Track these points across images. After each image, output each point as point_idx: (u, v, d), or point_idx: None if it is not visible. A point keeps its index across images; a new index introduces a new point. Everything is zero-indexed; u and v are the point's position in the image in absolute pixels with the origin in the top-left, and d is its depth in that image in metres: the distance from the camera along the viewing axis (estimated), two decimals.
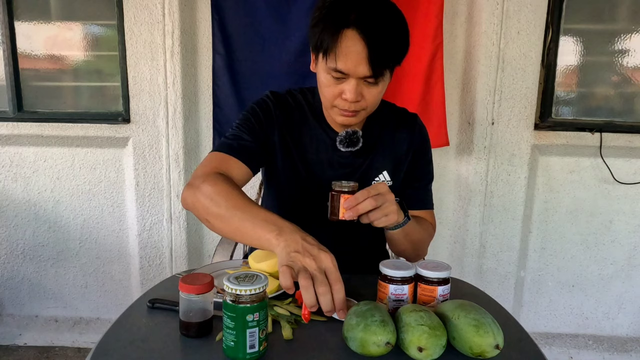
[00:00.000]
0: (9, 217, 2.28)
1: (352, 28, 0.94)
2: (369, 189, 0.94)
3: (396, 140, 1.20)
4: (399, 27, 1.00)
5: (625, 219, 2.20)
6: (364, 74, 0.97)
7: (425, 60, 1.99)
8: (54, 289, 2.35)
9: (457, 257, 2.27)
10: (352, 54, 0.95)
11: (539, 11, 2.02)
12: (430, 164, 1.25)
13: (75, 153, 2.21)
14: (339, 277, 0.78)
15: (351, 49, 0.95)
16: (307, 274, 0.76)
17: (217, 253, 1.44)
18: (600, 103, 2.20)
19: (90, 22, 2.18)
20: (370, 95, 1.02)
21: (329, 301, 0.76)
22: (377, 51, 0.95)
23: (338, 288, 0.77)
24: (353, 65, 0.96)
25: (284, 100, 1.17)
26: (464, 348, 0.75)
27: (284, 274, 0.76)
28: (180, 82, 2.09)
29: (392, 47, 0.98)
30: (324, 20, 0.97)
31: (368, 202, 0.92)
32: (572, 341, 2.30)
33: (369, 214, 0.94)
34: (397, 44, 0.99)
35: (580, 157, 2.16)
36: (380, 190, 0.94)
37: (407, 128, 1.21)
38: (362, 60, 0.95)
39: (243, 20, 2.01)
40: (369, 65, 0.95)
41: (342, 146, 1.13)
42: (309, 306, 0.76)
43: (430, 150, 1.26)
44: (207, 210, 0.94)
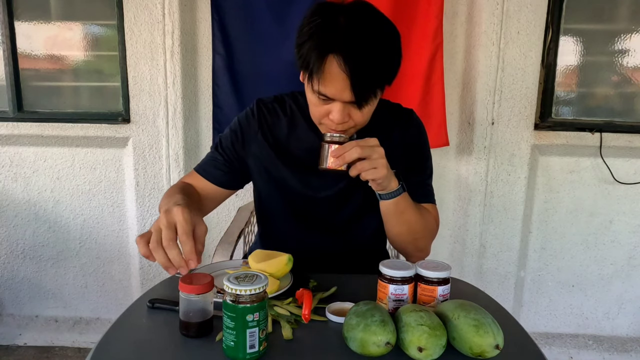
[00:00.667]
0: (9, 217, 2.28)
1: (336, 53, 0.90)
2: (358, 140, 0.95)
3: (391, 137, 1.16)
4: (386, 52, 0.95)
5: (625, 219, 2.20)
6: (348, 99, 0.94)
7: (425, 60, 1.99)
8: (54, 289, 2.35)
9: (457, 257, 2.27)
10: (335, 80, 0.92)
11: (539, 11, 2.02)
12: (428, 159, 1.22)
13: (75, 153, 2.21)
14: (187, 229, 0.79)
15: (335, 76, 0.92)
16: (157, 235, 0.79)
17: (217, 253, 1.44)
18: (600, 103, 2.20)
19: (90, 22, 2.18)
20: (357, 116, 1.00)
21: (176, 255, 0.77)
22: (360, 78, 0.91)
23: (183, 240, 0.78)
24: (337, 91, 0.94)
25: (270, 109, 1.16)
26: (464, 348, 0.75)
27: (138, 243, 0.81)
28: (180, 82, 2.09)
29: (377, 73, 0.94)
30: (310, 42, 0.93)
31: (354, 150, 0.92)
32: (572, 341, 2.30)
33: (357, 165, 0.94)
34: (384, 70, 0.95)
35: (580, 157, 2.16)
36: (370, 143, 0.95)
37: (401, 124, 1.18)
38: (346, 87, 0.92)
39: (243, 20, 2.01)
40: (352, 92, 0.93)
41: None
42: (163, 267, 0.78)
43: (428, 145, 1.23)
44: None
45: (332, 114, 0.98)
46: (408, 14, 1.97)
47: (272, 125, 1.16)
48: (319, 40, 0.92)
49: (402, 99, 2.01)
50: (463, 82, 2.14)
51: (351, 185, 1.16)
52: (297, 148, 1.15)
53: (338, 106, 0.96)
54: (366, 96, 0.95)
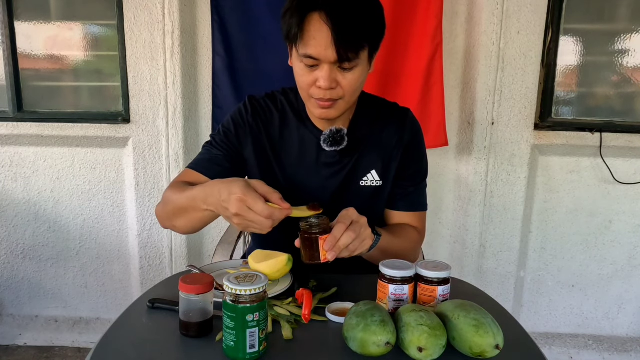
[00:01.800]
0: (9, 217, 2.28)
1: (318, 11, 0.93)
2: (343, 220, 0.91)
3: (385, 137, 1.15)
4: (368, 8, 0.96)
5: (625, 219, 2.20)
6: (333, 57, 0.94)
7: (424, 60, 1.99)
8: (54, 289, 2.35)
9: (457, 257, 2.27)
10: (319, 37, 0.93)
11: (539, 11, 2.02)
12: (423, 160, 1.21)
13: (75, 153, 2.21)
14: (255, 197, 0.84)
15: (318, 33, 0.93)
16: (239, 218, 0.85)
17: (217, 253, 1.44)
18: (600, 103, 2.20)
19: (90, 22, 2.18)
20: (346, 82, 0.99)
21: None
22: (343, 33, 0.92)
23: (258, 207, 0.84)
24: (322, 49, 0.94)
25: (262, 106, 1.16)
26: (464, 348, 0.75)
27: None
28: (180, 82, 2.09)
29: (359, 28, 0.94)
30: (292, 6, 0.96)
31: (347, 235, 0.89)
32: (572, 341, 2.30)
33: (349, 247, 0.90)
34: (366, 25, 0.96)
35: (580, 157, 2.15)
36: (353, 218, 0.92)
37: (396, 123, 1.16)
38: (329, 43, 0.93)
39: (243, 20, 2.01)
40: (335, 48, 0.93)
41: (326, 145, 1.10)
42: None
43: (424, 145, 1.21)
44: (166, 216, 1.05)
45: (319, 79, 0.97)
46: (408, 14, 1.97)
47: (265, 121, 1.15)
48: (301, 2, 0.95)
49: (402, 98, 2.02)
50: (463, 82, 2.14)
51: (345, 185, 1.15)
52: (290, 144, 1.15)
53: (324, 69, 0.96)
54: (350, 52, 0.94)
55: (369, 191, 1.16)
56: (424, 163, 1.22)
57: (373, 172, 1.15)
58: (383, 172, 1.16)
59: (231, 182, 0.87)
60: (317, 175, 1.15)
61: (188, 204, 0.97)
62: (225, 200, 0.85)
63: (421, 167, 1.21)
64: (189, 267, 1.06)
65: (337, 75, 0.98)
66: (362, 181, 1.15)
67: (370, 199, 1.16)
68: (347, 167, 1.14)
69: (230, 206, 0.85)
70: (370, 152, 1.15)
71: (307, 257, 0.91)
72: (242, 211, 0.84)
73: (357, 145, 1.14)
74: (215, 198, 0.88)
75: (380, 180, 1.15)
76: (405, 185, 1.19)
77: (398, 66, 2.01)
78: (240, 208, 0.84)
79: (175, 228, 1.06)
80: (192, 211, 0.97)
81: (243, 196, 0.83)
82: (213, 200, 0.89)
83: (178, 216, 1.02)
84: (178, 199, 1.00)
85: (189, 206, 0.97)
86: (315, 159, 1.14)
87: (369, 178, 1.15)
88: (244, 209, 0.84)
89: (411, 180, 1.19)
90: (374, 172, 1.15)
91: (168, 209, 1.04)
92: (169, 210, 1.04)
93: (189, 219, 1.00)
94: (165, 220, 1.07)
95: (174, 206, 1.01)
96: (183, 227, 1.04)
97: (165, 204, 1.05)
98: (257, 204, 0.83)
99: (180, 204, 0.99)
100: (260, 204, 0.83)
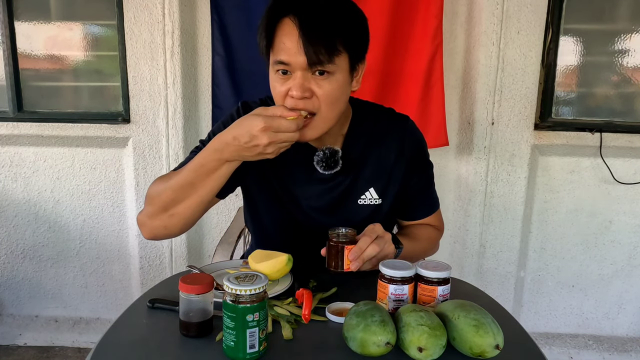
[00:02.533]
0: (9, 217, 2.28)
1: (288, 16, 0.92)
2: (369, 234, 0.94)
3: (384, 152, 1.11)
4: (341, 10, 0.93)
5: (625, 219, 2.20)
6: (303, 61, 0.90)
7: (424, 60, 1.99)
8: (54, 289, 2.35)
9: (457, 257, 2.27)
10: (288, 42, 0.91)
11: (539, 11, 2.02)
12: (429, 167, 1.18)
13: (75, 153, 2.21)
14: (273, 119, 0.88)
15: (287, 37, 0.91)
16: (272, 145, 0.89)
17: (217, 253, 1.44)
18: (600, 103, 2.20)
19: (90, 22, 2.18)
20: (321, 91, 0.93)
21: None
22: (312, 34, 0.89)
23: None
24: (292, 53, 0.91)
25: None
26: (464, 348, 0.75)
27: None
28: (180, 82, 2.09)
29: (330, 30, 0.91)
30: (264, 17, 0.96)
31: (372, 248, 0.92)
32: (572, 341, 2.30)
33: (373, 260, 0.94)
34: (339, 27, 0.92)
35: (580, 157, 2.15)
36: (379, 232, 0.95)
37: (395, 136, 1.11)
38: (299, 47, 0.90)
39: (243, 20, 2.01)
40: (304, 50, 0.89)
41: (320, 167, 1.06)
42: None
43: (427, 151, 1.18)
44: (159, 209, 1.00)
45: (292, 89, 0.93)
46: (408, 14, 1.97)
47: None
48: (272, 10, 0.94)
49: (402, 98, 2.02)
50: (463, 82, 2.14)
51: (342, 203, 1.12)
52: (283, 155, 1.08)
53: (297, 76, 0.92)
54: (320, 55, 0.90)
55: (367, 209, 1.12)
56: (430, 170, 1.20)
57: (371, 190, 1.12)
58: (382, 190, 1.12)
59: (239, 124, 0.89)
60: (311, 190, 1.11)
61: (194, 175, 0.95)
62: (250, 139, 0.88)
63: (429, 174, 1.19)
64: (188, 267, 1.06)
65: (311, 84, 0.93)
66: (360, 200, 1.11)
67: (368, 217, 1.12)
68: (343, 185, 1.10)
69: (260, 140, 0.87)
70: (367, 171, 1.11)
71: (332, 264, 0.95)
72: (273, 137, 0.87)
73: (352, 165, 1.09)
74: (234, 146, 0.90)
75: (379, 198, 1.12)
76: (418, 197, 1.17)
77: (398, 66, 2.02)
78: (270, 136, 0.87)
79: (172, 219, 1.00)
80: (202, 180, 0.95)
81: (265, 124, 0.87)
82: (232, 149, 0.90)
83: (179, 199, 0.97)
84: (177, 180, 0.97)
85: (196, 177, 0.95)
86: (309, 176, 1.10)
87: (367, 196, 1.11)
88: (273, 134, 0.87)
89: (422, 190, 1.18)
90: (372, 191, 1.12)
91: (163, 198, 0.99)
92: (165, 199, 0.98)
93: (195, 195, 0.96)
94: (156, 216, 1.01)
95: (173, 190, 0.97)
96: (184, 212, 0.98)
97: (156, 196, 1.00)
98: (281, 123, 0.88)
99: (182, 181, 0.96)
100: (284, 122, 0.88)
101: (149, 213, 1.02)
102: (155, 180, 1.04)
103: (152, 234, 1.04)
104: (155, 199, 1.00)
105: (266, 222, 1.17)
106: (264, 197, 1.14)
